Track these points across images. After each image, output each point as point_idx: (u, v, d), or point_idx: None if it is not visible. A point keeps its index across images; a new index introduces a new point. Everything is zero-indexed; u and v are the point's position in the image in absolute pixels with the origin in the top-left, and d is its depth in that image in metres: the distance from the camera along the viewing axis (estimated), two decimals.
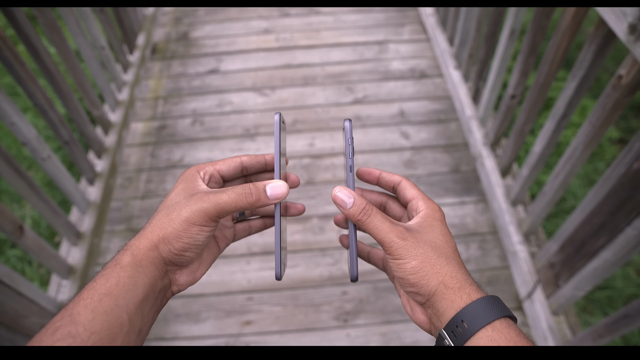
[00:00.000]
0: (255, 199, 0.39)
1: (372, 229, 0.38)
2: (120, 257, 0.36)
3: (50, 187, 1.81)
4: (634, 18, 0.78)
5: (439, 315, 0.36)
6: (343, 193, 0.39)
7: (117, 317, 0.32)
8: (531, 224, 1.31)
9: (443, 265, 0.37)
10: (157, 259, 0.36)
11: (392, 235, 0.37)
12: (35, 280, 1.55)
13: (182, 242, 0.37)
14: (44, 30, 1.31)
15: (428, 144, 1.74)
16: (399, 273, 0.38)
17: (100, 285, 0.33)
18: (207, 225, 0.37)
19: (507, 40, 1.34)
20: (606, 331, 0.97)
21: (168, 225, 0.37)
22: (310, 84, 1.96)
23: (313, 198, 1.58)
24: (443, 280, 0.36)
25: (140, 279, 0.35)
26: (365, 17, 2.25)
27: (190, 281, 0.40)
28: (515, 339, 0.33)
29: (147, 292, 0.35)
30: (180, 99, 1.93)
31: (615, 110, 0.91)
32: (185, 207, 0.37)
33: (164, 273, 0.37)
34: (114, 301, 0.33)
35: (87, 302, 0.32)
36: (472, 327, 0.34)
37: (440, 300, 0.36)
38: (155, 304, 0.37)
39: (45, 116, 1.26)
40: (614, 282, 1.52)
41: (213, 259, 0.43)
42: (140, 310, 0.34)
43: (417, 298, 0.38)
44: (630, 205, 0.84)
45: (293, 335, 1.29)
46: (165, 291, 0.38)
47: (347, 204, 0.39)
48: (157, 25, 2.27)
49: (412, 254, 0.37)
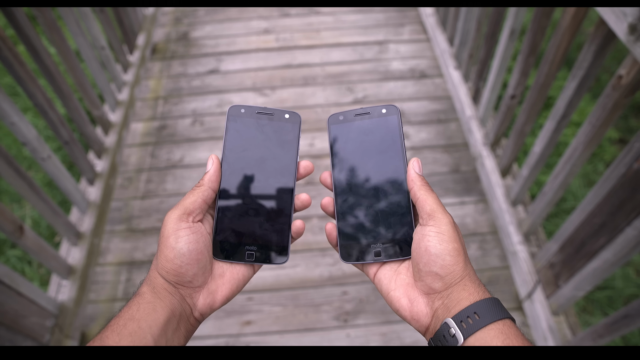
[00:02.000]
0: (200, 181, 0.43)
1: (429, 197, 0.40)
2: (140, 288, 0.39)
3: (50, 187, 1.81)
4: (634, 18, 0.78)
5: (450, 307, 0.37)
6: (419, 164, 0.43)
7: (141, 338, 0.35)
8: (531, 224, 1.31)
9: (468, 261, 0.39)
10: (166, 284, 0.39)
11: (445, 211, 0.40)
12: (35, 280, 1.55)
13: (169, 260, 0.39)
14: (44, 30, 1.31)
15: (428, 144, 1.74)
16: (438, 249, 0.38)
17: (124, 312, 0.37)
18: (180, 229, 0.39)
19: (507, 40, 1.34)
20: (606, 331, 0.97)
21: (160, 251, 0.40)
22: (310, 84, 1.96)
23: (313, 198, 1.57)
24: (469, 273, 0.38)
25: (159, 304, 0.37)
26: (365, 17, 2.25)
27: (210, 304, 0.40)
28: (522, 337, 0.35)
29: (167, 315, 0.37)
30: (180, 99, 1.93)
31: (615, 111, 0.91)
32: (162, 229, 0.40)
33: (181, 298, 0.39)
34: (137, 324, 0.36)
35: (114, 327, 0.35)
36: (485, 320, 0.35)
37: (461, 290, 0.37)
38: (179, 328, 0.38)
39: (45, 116, 1.26)
40: (614, 282, 1.52)
41: (238, 281, 0.42)
42: (164, 333, 0.36)
43: (437, 284, 0.38)
44: (630, 205, 0.84)
45: (293, 335, 1.29)
46: (188, 317, 0.39)
47: (419, 170, 0.43)
48: (157, 25, 2.27)
49: (456, 236, 0.39)
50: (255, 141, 0.44)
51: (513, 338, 0.34)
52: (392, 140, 0.44)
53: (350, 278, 1.39)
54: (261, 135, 0.44)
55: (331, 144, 0.45)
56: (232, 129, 0.44)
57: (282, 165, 0.44)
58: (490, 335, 0.34)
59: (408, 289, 0.40)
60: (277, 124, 0.45)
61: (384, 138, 0.45)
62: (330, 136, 0.46)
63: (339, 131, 0.46)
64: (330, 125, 0.46)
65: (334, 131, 0.46)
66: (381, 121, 0.45)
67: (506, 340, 0.33)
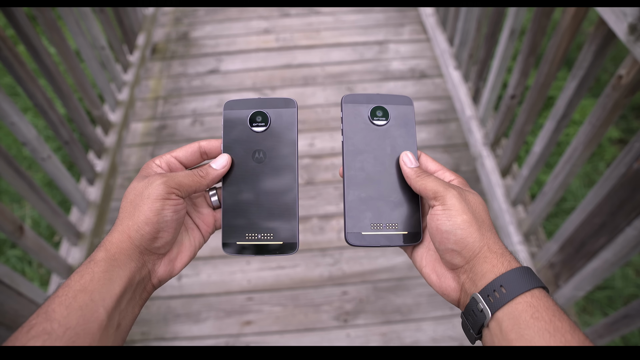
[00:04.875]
0: (204, 172, 0.42)
1: (427, 183, 0.40)
2: (94, 254, 0.36)
3: (50, 187, 1.81)
4: (634, 18, 0.78)
5: (476, 280, 0.36)
6: (409, 157, 0.44)
7: (92, 312, 0.32)
8: (531, 224, 1.31)
9: (487, 230, 0.38)
10: (131, 249, 0.37)
11: (447, 186, 0.39)
12: (35, 280, 1.55)
13: (151, 223, 0.37)
14: (44, 30, 1.31)
15: (428, 144, 1.74)
16: (447, 225, 0.37)
17: (75, 282, 0.34)
18: (169, 199, 0.38)
19: (507, 40, 1.34)
20: (606, 331, 0.97)
21: (134, 212, 0.37)
22: (310, 84, 1.96)
23: (313, 198, 1.58)
24: (487, 243, 0.37)
25: (116, 272, 0.35)
26: (365, 17, 2.25)
27: (170, 271, 0.40)
28: (552, 307, 0.33)
29: (124, 285, 0.35)
30: (180, 99, 1.93)
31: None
32: (145, 189, 0.38)
33: (142, 264, 0.37)
34: (89, 296, 0.33)
35: (62, 299, 0.32)
36: (511, 293, 0.34)
37: (483, 262, 0.36)
38: (134, 297, 0.37)
39: (45, 116, 1.26)
40: (613, 282, 1.52)
41: (195, 248, 0.43)
42: (118, 305, 0.34)
43: (456, 259, 0.38)
44: (630, 205, 0.84)
45: (293, 336, 1.29)
46: (145, 284, 0.38)
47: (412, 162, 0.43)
48: (157, 25, 2.27)
49: (464, 207, 0.38)
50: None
51: (543, 311, 0.32)
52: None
53: (350, 278, 1.39)
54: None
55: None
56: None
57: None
58: (518, 310, 0.33)
59: (436, 265, 0.41)
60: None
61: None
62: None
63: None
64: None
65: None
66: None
67: (535, 314, 0.32)
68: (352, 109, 0.46)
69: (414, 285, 1.37)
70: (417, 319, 1.31)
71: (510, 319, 0.33)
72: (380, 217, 0.43)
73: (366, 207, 0.43)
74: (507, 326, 0.33)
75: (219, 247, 1.36)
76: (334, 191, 1.59)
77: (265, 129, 0.44)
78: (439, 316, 1.31)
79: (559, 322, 0.32)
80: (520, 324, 0.33)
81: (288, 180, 0.44)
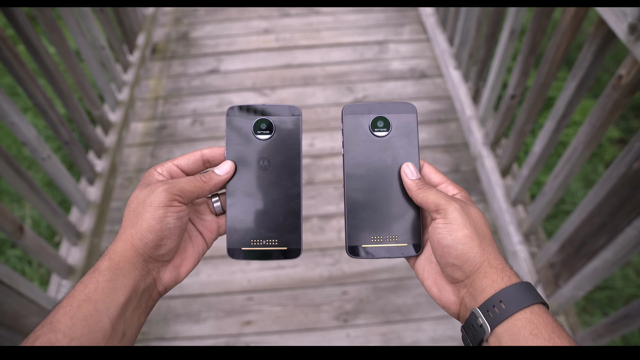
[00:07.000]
0: (207, 178, 0.42)
1: (429, 195, 0.40)
2: (98, 263, 0.36)
3: (50, 187, 1.81)
4: (634, 18, 0.78)
5: (476, 295, 0.36)
6: (410, 169, 0.43)
7: (97, 322, 0.32)
8: (531, 224, 1.31)
9: (488, 245, 0.38)
10: (135, 258, 0.37)
11: (449, 199, 0.39)
12: (35, 280, 1.55)
13: (154, 230, 0.37)
14: (44, 30, 1.31)
15: (428, 144, 1.74)
16: (449, 240, 0.37)
17: (79, 292, 0.34)
18: (172, 206, 0.38)
19: (507, 40, 1.34)
20: (606, 331, 0.97)
21: (137, 220, 0.37)
22: (310, 84, 1.96)
23: (313, 198, 1.58)
24: (488, 258, 0.37)
25: (120, 281, 0.35)
26: (365, 17, 2.25)
27: (175, 278, 0.40)
28: (552, 324, 0.33)
29: (128, 294, 0.35)
30: (180, 99, 1.93)
31: (615, 111, 0.91)
32: (147, 197, 0.38)
33: (146, 272, 0.37)
34: (93, 306, 0.33)
35: (67, 309, 0.32)
36: (511, 309, 0.34)
37: (482, 277, 0.36)
38: (140, 305, 0.37)
39: (45, 116, 1.26)
40: (613, 282, 1.52)
41: (199, 254, 0.43)
42: (123, 314, 0.34)
43: (457, 274, 0.38)
44: (630, 205, 0.84)
45: (293, 335, 1.29)
46: (150, 292, 0.38)
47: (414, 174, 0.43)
48: (157, 25, 2.27)
49: (466, 221, 0.38)
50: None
51: (542, 327, 0.32)
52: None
53: (350, 278, 1.39)
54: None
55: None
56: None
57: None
58: (517, 326, 0.33)
59: (437, 278, 0.41)
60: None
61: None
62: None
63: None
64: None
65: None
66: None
67: (534, 331, 0.32)
68: (353, 120, 0.45)
69: (414, 285, 1.37)
70: (417, 319, 1.31)
71: (510, 335, 0.33)
72: (381, 230, 0.44)
73: (367, 220, 0.44)
74: (506, 342, 0.33)
75: (219, 247, 1.36)
76: (334, 191, 1.59)
77: (269, 137, 0.44)
78: (439, 316, 1.31)
79: (558, 339, 0.32)
80: (519, 340, 0.33)
81: (292, 187, 0.44)
